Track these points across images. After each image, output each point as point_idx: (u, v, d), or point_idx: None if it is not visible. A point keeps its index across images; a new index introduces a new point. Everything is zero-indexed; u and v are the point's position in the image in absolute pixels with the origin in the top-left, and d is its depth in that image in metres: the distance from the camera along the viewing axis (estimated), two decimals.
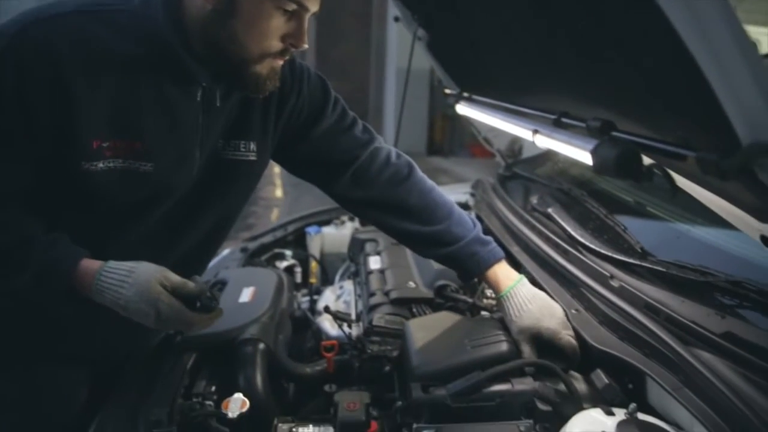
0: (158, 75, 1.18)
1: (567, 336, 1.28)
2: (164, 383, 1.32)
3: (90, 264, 1.15)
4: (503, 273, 1.38)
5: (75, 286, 1.15)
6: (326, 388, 1.48)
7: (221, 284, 1.81)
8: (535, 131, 1.40)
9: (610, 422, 1.04)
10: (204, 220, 1.37)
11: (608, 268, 1.42)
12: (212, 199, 1.36)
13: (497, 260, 1.39)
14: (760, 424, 0.90)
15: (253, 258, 2.22)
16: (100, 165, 1.14)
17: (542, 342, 1.28)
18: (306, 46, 1.18)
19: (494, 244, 1.42)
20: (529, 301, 1.32)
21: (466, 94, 2.09)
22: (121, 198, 1.20)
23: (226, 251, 2.29)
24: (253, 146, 1.35)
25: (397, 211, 1.42)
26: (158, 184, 1.23)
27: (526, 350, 1.27)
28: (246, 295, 1.71)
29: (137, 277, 1.13)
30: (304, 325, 1.95)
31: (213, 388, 1.40)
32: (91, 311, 1.18)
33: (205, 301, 1.17)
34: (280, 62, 1.22)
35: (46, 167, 1.13)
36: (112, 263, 1.16)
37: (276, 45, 1.17)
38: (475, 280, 1.67)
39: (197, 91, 1.23)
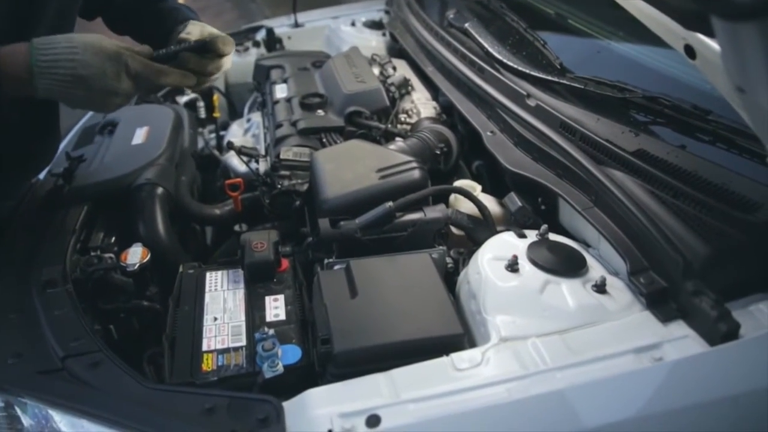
0: None
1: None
2: (54, 239, 1.20)
3: (11, 48, 0.97)
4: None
5: (5, 77, 0.96)
6: (236, 228, 1.42)
7: (111, 126, 1.63)
8: None
9: (522, 244, 1.04)
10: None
11: (525, 87, 1.35)
12: None
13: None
14: (661, 238, 0.91)
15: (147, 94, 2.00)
16: None
17: None
18: None
19: None
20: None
21: None
22: None
23: None
24: None
25: None
26: None
27: None
28: (139, 136, 1.55)
29: (82, 39, 0.98)
30: (212, 163, 1.84)
31: (112, 240, 1.31)
32: None
33: (168, 53, 1.08)
34: None
35: None
36: (38, 38, 0.98)
37: None
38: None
39: None
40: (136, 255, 1.18)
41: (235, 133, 1.94)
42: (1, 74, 0.95)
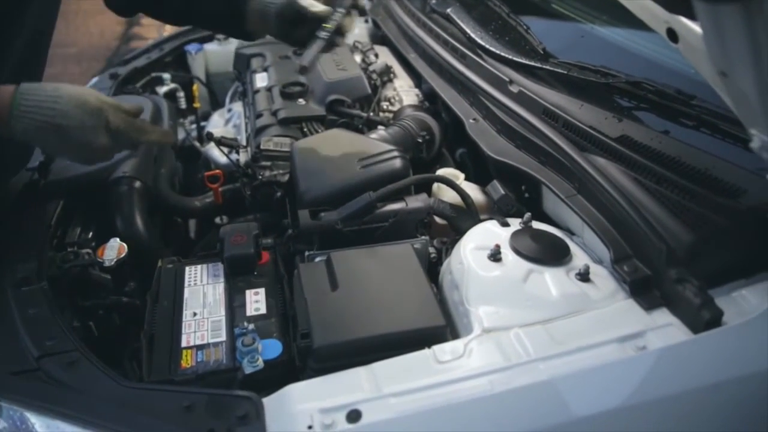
0: None
1: None
2: (29, 235, 1.17)
3: None
4: None
5: None
6: (217, 220, 1.39)
7: None
8: None
9: (505, 233, 1.02)
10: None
11: (508, 73, 1.33)
12: None
13: None
14: (645, 226, 0.90)
15: (125, 85, 1.95)
16: None
17: None
18: None
19: None
20: None
21: None
22: None
23: (93, 80, 2.00)
24: None
25: None
26: None
27: None
28: None
29: (68, 90, 0.96)
30: (193, 155, 1.81)
31: (90, 235, 1.28)
32: None
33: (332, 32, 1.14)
34: None
35: None
36: (27, 84, 0.96)
37: None
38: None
39: None
40: (113, 250, 1.16)
41: (217, 124, 1.91)
42: None
